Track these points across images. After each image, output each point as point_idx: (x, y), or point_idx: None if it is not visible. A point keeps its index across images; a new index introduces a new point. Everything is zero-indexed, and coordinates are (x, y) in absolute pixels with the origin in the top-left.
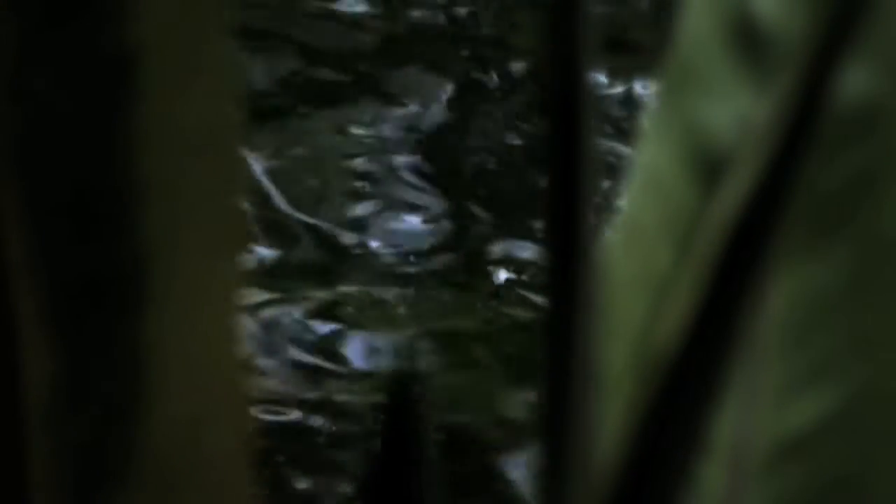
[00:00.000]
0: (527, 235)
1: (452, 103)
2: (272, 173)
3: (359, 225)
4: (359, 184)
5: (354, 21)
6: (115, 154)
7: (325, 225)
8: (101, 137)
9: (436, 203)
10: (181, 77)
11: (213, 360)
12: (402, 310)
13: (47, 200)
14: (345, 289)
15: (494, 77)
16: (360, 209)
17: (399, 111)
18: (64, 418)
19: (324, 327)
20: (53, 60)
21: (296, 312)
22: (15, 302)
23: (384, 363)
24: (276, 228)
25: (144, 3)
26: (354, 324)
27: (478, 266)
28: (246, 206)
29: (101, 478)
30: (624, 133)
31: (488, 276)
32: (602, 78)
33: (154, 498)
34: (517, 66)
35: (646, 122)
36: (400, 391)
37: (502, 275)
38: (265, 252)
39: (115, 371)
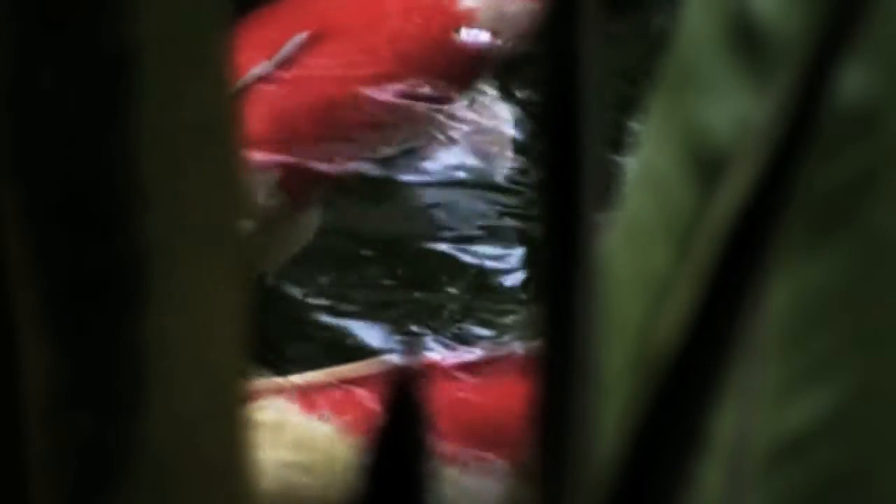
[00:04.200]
0: None
1: None
2: None
3: None
4: None
5: None
6: (115, 154)
7: None
8: (101, 137)
9: None
10: (181, 77)
11: (212, 359)
12: None
13: (47, 200)
14: None
15: None
16: None
17: None
18: (63, 417)
19: None
20: (53, 60)
21: None
22: (15, 302)
23: None
24: None
25: (144, 2)
26: None
27: None
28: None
29: (101, 476)
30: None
31: None
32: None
33: (153, 496)
34: None
35: (645, 121)
36: (400, 388)
37: None
38: None
39: (114, 370)
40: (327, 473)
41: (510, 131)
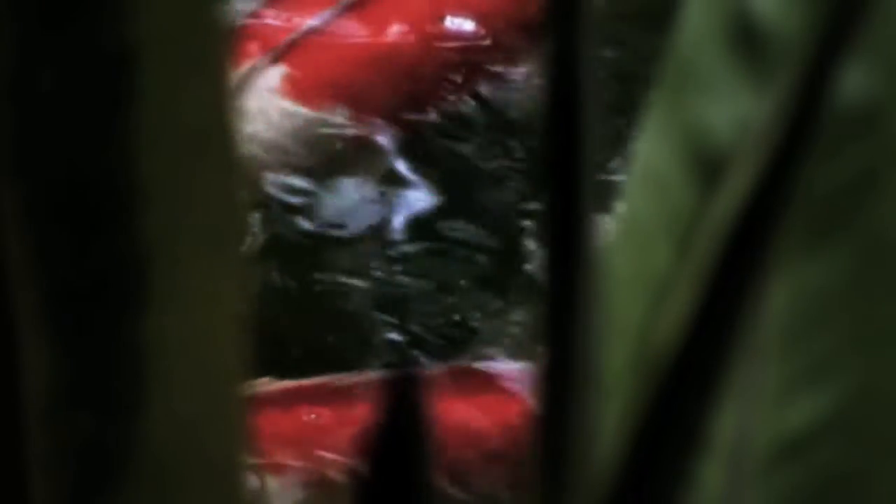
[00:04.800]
0: None
1: None
2: None
3: None
4: None
5: None
6: (115, 154)
7: None
8: (101, 137)
9: None
10: (181, 77)
11: (212, 359)
12: None
13: (47, 200)
14: None
15: None
16: None
17: None
18: (63, 417)
19: None
20: (53, 60)
21: None
22: (15, 302)
23: None
24: None
25: (143, 2)
26: None
27: None
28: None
29: (101, 476)
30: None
31: None
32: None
33: (153, 496)
34: None
35: (645, 121)
36: (400, 389)
37: None
38: None
39: (114, 370)
40: None
41: None
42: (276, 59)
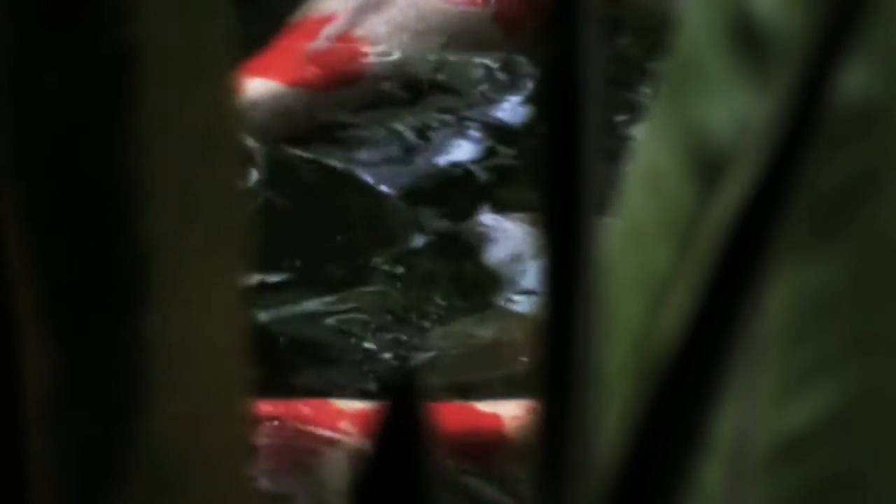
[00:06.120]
0: None
1: None
2: None
3: None
4: None
5: None
6: (116, 154)
7: None
8: (102, 137)
9: None
10: (181, 76)
11: (213, 359)
12: None
13: (47, 200)
14: None
15: None
16: None
17: None
18: (63, 417)
19: None
20: (53, 60)
21: None
22: (15, 302)
23: None
24: None
25: (144, 2)
26: None
27: None
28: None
29: (101, 476)
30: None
31: None
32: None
33: (154, 496)
34: None
35: (645, 120)
36: (399, 389)
37: None
38: None
39: (115, 370)
40: None
41: None
42: None
